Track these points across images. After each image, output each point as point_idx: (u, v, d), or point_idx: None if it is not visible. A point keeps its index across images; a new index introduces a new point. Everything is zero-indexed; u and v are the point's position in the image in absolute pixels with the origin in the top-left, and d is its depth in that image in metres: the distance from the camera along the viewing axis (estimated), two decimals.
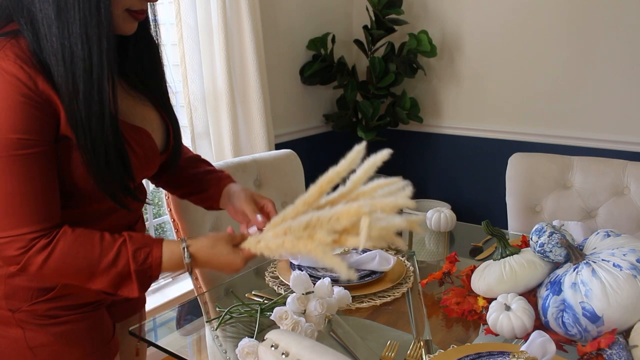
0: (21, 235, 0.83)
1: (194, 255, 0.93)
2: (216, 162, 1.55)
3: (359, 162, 1.00)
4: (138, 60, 1.00)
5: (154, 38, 1.01)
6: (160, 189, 1.28)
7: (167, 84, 1.08)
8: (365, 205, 0.88)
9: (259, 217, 1.05)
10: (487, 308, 1.11)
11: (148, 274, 0.90)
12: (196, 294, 1.43)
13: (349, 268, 0.86)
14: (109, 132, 0.86)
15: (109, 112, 0.85)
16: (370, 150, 1.02)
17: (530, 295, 1.13)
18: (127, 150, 0.91)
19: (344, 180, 1.00)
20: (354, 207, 0.88)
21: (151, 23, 0.99)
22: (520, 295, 1.11)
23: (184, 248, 0.92)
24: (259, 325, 1.11)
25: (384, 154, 1.01)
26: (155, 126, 1.02)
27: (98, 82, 0.83)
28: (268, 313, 1.12)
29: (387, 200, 0.97)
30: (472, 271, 1.25)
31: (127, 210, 0.97)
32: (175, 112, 1.09)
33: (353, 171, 1.01)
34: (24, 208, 0.82)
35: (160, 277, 0.98)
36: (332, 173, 0.97)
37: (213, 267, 0.96)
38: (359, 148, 0.99)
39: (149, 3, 0.91)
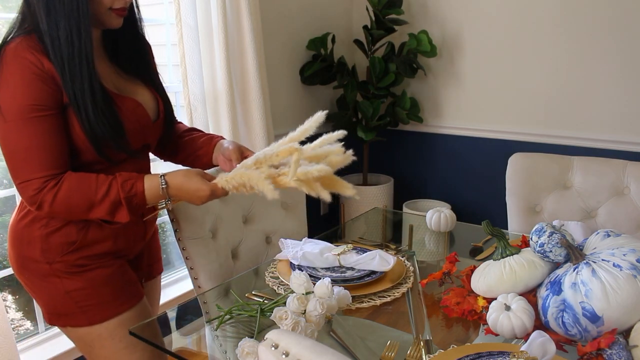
0: (36, 178, 1.06)
1: (168, 182, 1.12)
2: None
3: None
4: (128, 49, 1.23)
5: (140, 29, 1.24)
6: None
7: (156, 68, 1.32)
8: (297, 146, 1.12)
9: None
10: (487, 308, 1.11)
11: (135, 201, 1.11)
12: (196, 294, 1.43)
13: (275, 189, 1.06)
14: (94, 92, 1.08)
15: (92, 77, 1.08)
16: (371, 150, 1.02)
17: (530, 295, 1.13)
18: (115, 111, 1.12)
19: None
20: (289, 145, 1.12)
21: (138, 20, 1.23)
22: (520, 295, 1.11)
23: (161, 176, 1.12)
24: (259, 325, 1.11)
25: (338, 133, 1.26)
26: (146, 99, 1.24)
27: (79, 59, 1.06)
28: (268, 313, 1.12)
29: (317, 143, 1.21)
30: (472, 271, 1.25)
31: (115, 164, 1.18)
32: (165, 90, 1.32)
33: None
34: (38, 158, 1.05)
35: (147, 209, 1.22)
36: (289, 137, 1.16)
37: (184, 193, 1.13)
38: (318, 115, 1.24)
39: (130, 2, 1.14)
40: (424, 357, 1.00)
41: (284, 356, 0.87)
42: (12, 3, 1.92)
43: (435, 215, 1.65)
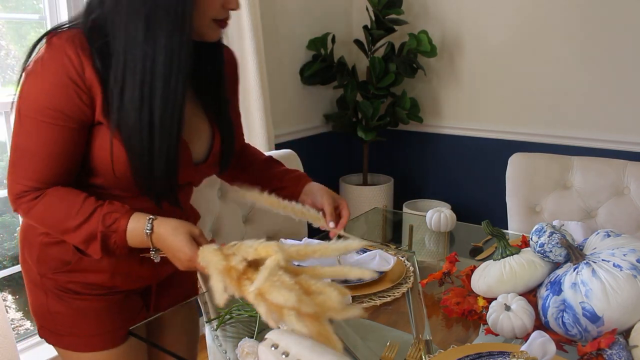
0: (22, 184, 0.95)
1: (154, 229, 0.94)
2: None
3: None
4: (205, 70, 1.07)
5: (222, 43, 1.09)
6: None
7: (233, 96, 1.15)
8: (278, 250, 0.86)
9: (332, 224, 1.15)
10: (487, 308, 1.11)
11: (112, 238, 0.95)
12: (196, 294, 1.43)
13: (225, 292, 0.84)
14: (171, 139, 0.95)
15: (178, 119, 0.94)
16: (371, 150, 1.02)
17: (530, 295, 1.13)
18: (176, 160, 0.97)
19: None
20: (271, 245, 0.87)
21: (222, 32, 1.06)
22: (520, 295, 1.11)
23: (149, 219, 0.95)
24: (259, 325, 1.10)
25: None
26: (201, 135, 1.07)
27: (175, 89, 0.92)
28: None
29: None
30: (472, 271, 1.25)
31: (157, 206, 1.03)
32: (233, 121, 1.14)
33: None
34: (34, 165, 0.94)
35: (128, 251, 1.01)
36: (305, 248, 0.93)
37: (167, 248, 0.95)
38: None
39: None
40: (424, 357, 1.00)
41: (284, 356, 0.87)
42: (12, 3, 1.92)
43: (435, 215, 1.65)
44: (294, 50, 2.77)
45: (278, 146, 2.47)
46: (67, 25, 0.95)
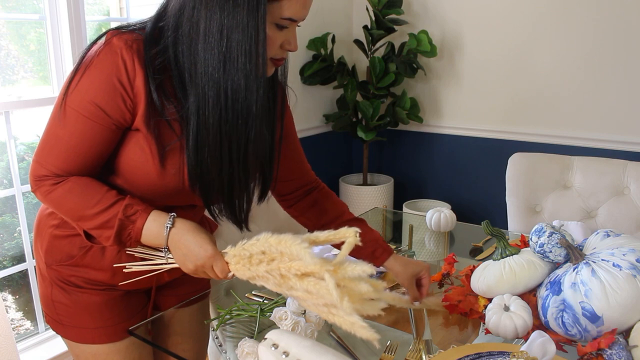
0: (46, 168, 0.96)
1: (176, 224, 0.96)
2: None
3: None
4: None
5: (282, 84, 1.14)
6: None
7: (289, 132, 1.18)
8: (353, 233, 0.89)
9: (416, 303, 1.17)
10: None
11: (128, 229, 0.96)
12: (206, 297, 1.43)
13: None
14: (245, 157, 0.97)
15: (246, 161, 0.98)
16: (371, 150, 1.02)
17: (530, 295, 1.13)
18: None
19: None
20: (342, 230, 0.90)
21: (279, 69, 1.11)
22: (520, 295, 1.11)
23: (171, 215, 0.97)
24: (259, 325, 1.11)
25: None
26: None
27: (253, 125, 0.95)
28: (268, 313, 1.12)
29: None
30: (472, 271, 1.25)
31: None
32: (296, 157, 1.20)
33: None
34: (61, 154, 0.95)
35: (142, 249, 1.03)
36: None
37: (183, 245, 0.96)
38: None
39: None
40: (424, 357, 1.00)
41: (284, 356, 0.87)
42: (11, 3, 1.92)
43: (435, 215, 1.65)
44: None
45: None
46: (131, 28, 0.96)
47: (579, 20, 2.49)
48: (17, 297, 2.14)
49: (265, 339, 0.92)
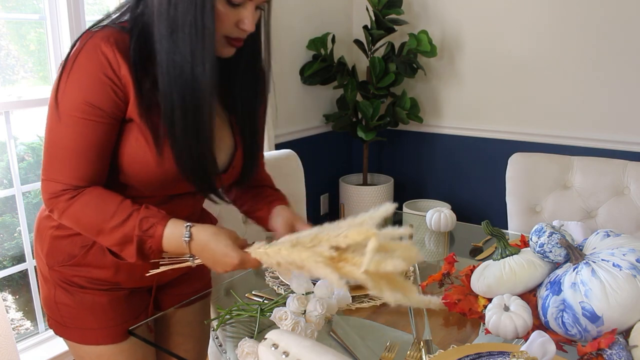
0: (59, 182, 0.96)
1: (193, 235, 0.95)
2: None
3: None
4: (239, 84, 1.09)
5: (263, 68, 1.10)
6: None
7: (261, 115, 1.13)
8: (374, 230, 0.89)
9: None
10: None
11: (149, 244, 0.95)
12: (207, 296, 1.43)
13: (340, 278, 0.85)
14: (204, 128, 0.97)
15: (208, 127, 0.97)
16: (371, 150, 1.02)
17: (530, 295, 1.13)
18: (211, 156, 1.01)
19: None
20: (365, 228, 0.89)
21: (264, 53, 1.08)
22: (520, 295, 1.11)
23: (186, 226, 0.95)
24: (259, 325, 1.11)
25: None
26: (223, 147, 1.08)
27: (201, 97, 0.94)
28: (268, 313, 1.12)
29: (395, 233, 0.94)
30: (472, 271, 1.25)
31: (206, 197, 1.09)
32: (259, 138, 1.15)
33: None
34: (71, 162, 0.95)
35: (165, 258, 1.01)
36: (358, 220, 0.95)
37: (207, 254, 0.95)
38: (387, 207, 0.95)
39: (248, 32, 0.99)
40: (424, 357, 1.00)
41: (284, 356, 0.87)
42: (11, 3, 1.92)
43: (435, 215, 1.65)
44: (294, 50, 2.77)
45: (278, 146, 2.47)
46: (102, 24, 0.97)
47: (578, 20, 2.49)
48: (17, 297, 2.14)
49: (265, 339, 0.92)
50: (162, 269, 1.00)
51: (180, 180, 1.02)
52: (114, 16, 1.00)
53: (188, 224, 0.95)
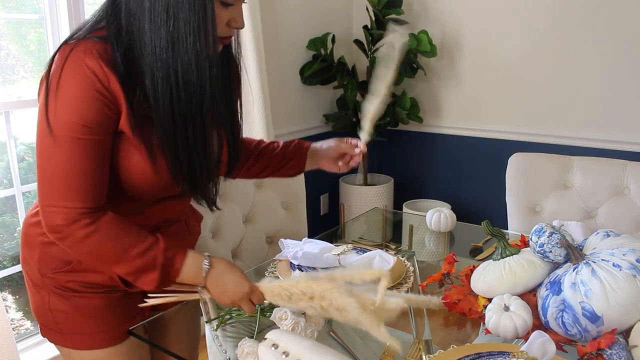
0: (70, 207, 0.92)
1: (213, 264, 1.00)
2: None
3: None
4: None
5: (236, 58, 1.10)
6: None
7: (238, 105, 1.14)
8: (385, 271, 0.96)
9: (357, 150, 1.29)
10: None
11: (171, 271, 0.98)
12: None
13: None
14: (205, 134, 0.98)
15: (210, 134, 0.99)
16: (371, 150, 1.02)
17: (530, 295, 1.13)
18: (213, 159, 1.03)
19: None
20: (376, 269, 1.00)
21: (233, 43, 1.07)
22: (520, 295, 1.11)
23: (207, 255, 1.00)
24: (259, 325, 1.11)
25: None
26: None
27: (204, 105, 0.95)
28: (268, 313, 1.12)
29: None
30: (472, 271, 1.25)
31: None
32: (240, 130, 1.17)
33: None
34: (76, 184, 0.92)
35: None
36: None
37: (222, 282, 1.00)
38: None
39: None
40: (424, 357, 1.00)
41: (284, 356, 0.87)
42: (11, 3, 1.92)
43: (435, 215, 1.65)
44: (294, 50, 2.77)
45: None
46: (77, 36, 0.93)
47: (578, 19, 2.49)
48: (17, 297, 2.14)
49: (265, 339, 0.92)
50: (158, 300, 1.03)
51: (175, 185, 1.03)
52: (88, 26, 0.95)
53: (207, 253, 1.01)
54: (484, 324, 1.08)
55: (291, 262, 1.37)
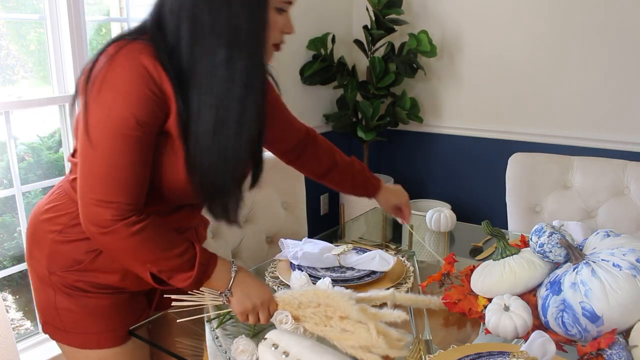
0: (118, 203, 0.92)
1: (239, 269, 1.04)
2: None
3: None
4: None
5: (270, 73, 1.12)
6: None
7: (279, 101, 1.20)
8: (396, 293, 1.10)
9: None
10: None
11: (207, 271, 1.00)
12: None
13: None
14: (243, 162, 1.01)
15: (252, 141, 0.99)
16: (371, 150, 1.03)
17: (530, 295, 1.13)
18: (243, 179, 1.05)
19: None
20: (387, 292, 1.10)
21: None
22: (520, 295, 1.11)
23: (232, 261, 1.04)
24: (258, 326, 1.10)
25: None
26: None
27: (250, 113, 0.95)
28: None
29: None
30: (472, 271, 1.25)
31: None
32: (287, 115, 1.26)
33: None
34: (123, 180, 0.91)
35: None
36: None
37: (245, 285, 1.03)
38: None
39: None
40: (424, 357, 1.00)
41: (284, 356, 0.87)
42: (11, 3, 1.92)
43: (435, 215, 1.65)
44: (294, 50, 2.77)
45: None
46: (129, 37, 0.93)
47: (578, 19, 2.49)
48: (17, 297, 2.14)
49: (265, 339, 0.92)
50: (185, 302, 1.04)
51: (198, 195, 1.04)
52: (146, 29, 0.96)
53: (232, 260, 1.06)
54: (484, 324, 1.08)
55: (291, 262, 1.37)
